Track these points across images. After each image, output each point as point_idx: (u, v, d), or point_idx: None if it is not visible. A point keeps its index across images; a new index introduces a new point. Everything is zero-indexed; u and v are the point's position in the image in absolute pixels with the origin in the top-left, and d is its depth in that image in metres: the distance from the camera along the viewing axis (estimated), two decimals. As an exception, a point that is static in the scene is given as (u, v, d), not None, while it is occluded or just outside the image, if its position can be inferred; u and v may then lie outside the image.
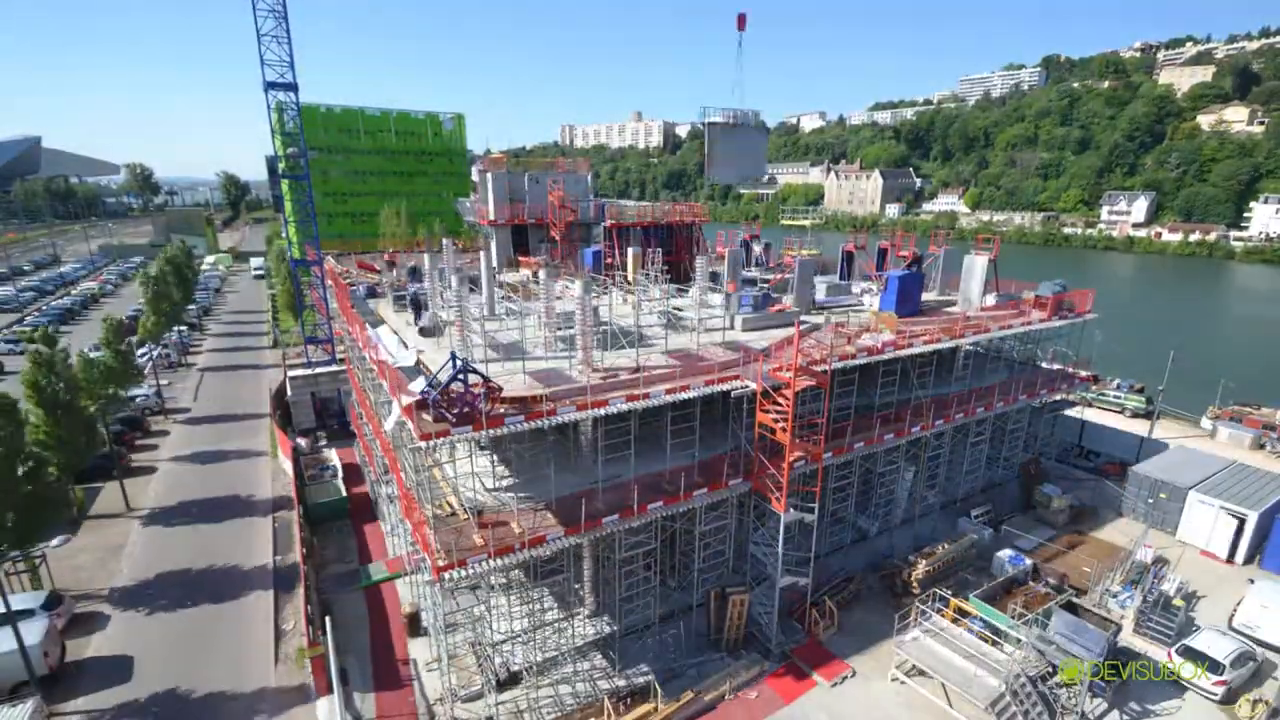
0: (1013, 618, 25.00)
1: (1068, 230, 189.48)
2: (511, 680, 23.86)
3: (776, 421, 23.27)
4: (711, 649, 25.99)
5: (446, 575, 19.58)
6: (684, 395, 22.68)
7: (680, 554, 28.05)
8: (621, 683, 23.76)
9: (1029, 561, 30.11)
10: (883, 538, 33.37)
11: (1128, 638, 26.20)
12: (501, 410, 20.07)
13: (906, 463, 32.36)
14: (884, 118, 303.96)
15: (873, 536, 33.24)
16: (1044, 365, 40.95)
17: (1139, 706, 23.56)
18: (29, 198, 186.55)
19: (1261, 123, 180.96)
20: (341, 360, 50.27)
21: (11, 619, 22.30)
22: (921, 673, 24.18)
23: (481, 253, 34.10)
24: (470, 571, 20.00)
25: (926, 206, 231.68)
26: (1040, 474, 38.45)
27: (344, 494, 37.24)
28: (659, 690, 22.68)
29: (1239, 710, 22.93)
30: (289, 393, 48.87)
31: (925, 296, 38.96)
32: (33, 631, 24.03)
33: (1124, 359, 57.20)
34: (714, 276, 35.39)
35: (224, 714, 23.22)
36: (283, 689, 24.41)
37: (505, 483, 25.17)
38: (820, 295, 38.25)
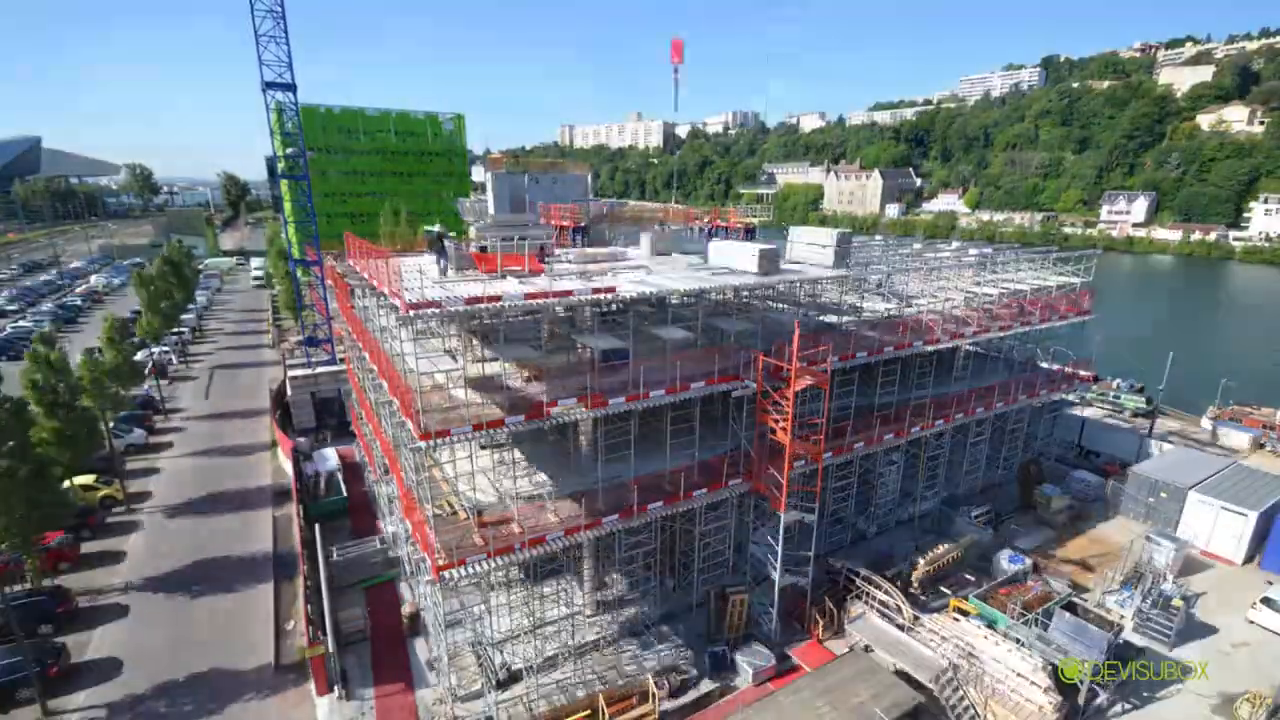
0: (1013, 618, 25.01)
1: (1067, 230, 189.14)
2: (511, 680, 23.87)
3: (777, 421, 23.28)
4: (711, 649, 25.93)
5: (446, 575, 19.59)
6: (684, 395, 22.69)
7: (680, 554, 28.05)
8: (620, 682, 23.74)
9: (1029, 561, 30.12)
10: (882, 538, 33.36)
11: (1128, 637, 26.17)
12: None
13: (903, 460, 32.36)
14: (884, 118, 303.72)
15: (872, 537, 33.23)
16: (1044, 365, 40.95)
17: (1139, 706, 23.56)
18: (29, 198, 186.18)
19: (1261, 123, 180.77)
20: (341, 360, 50.25)
21: None
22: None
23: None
24: (470, 571, 20.01)
25: (926, 206, 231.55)
26: (1040, 474, 38.43)
27: (344, 494, 37.23)
28: (656, 691, 22.68)
29: (1239, 709, 22.92)
30: (289, 392, 48.88)
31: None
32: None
33: (1124, 359, 57.25)
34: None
35: (224, 713, 23.23)
36: (283, 688, 24.42)
37: (505, 482, 25.17)
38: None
